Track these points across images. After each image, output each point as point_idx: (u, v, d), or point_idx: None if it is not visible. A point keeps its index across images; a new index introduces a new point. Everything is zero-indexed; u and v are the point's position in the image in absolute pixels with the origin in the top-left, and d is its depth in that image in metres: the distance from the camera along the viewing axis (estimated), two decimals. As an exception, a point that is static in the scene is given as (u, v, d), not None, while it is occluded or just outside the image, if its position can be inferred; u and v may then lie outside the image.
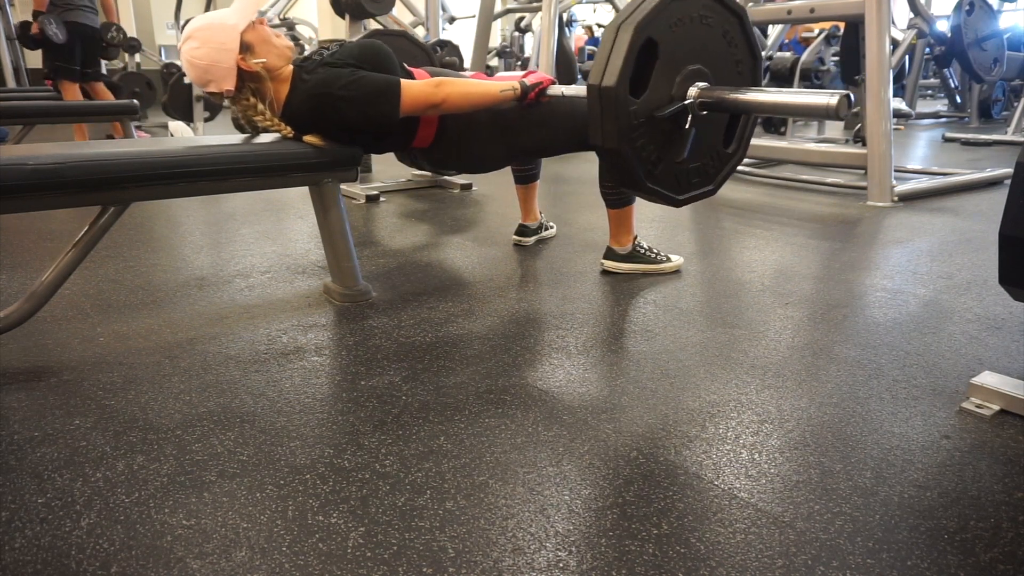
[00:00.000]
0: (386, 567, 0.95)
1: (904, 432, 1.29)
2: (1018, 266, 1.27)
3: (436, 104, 1.77)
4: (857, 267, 2.34)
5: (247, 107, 1.80)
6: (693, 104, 1.53)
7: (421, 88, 1.76)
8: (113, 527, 1.02)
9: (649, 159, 1.59)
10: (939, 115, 8.20)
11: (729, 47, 1.57)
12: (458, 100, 1.78)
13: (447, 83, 1.78)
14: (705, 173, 1.71)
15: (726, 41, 1.56)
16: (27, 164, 1.43)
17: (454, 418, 1.34)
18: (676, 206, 1.73)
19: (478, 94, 1.80)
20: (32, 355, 1.63)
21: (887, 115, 3.42)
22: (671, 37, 1.48)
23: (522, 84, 1.85)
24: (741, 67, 1.60)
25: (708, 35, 1.53)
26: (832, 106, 1.34)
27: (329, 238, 1.97)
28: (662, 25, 1.45)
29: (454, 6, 6.87)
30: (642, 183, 1.61)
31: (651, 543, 0.99)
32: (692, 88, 1.53)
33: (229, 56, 1.72)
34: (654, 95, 1.52)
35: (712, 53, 1.55)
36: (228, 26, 1.72)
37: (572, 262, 2.40)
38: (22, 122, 4.72)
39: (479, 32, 5.37)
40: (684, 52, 1.52)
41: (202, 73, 1.73)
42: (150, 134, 6.27)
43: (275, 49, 1.79)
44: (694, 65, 1.53)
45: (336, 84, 1.73)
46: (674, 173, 1.65)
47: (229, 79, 1.74)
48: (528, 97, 1.86)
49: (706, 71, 1.55)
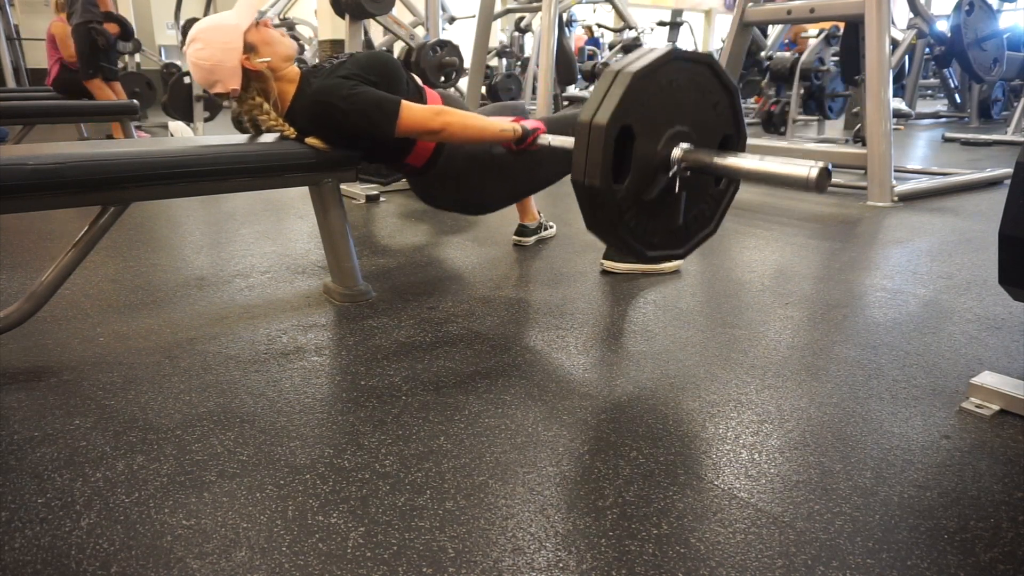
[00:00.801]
0: (386, 567, 0.95)
1: (904, 432, 1.29)
2: (1018, 266, 1.27)
3: (433, 131, 1.77)
4: (857, 267, 2.34)
5: (253, 107, 1.80)
6: (678, 169, 1.53)
7: (421, 112, 1.76)
8: (113, 527, 1.02)
9: (646, 234, 1.60)
10: (939, 115, 8.20)
11: (703, 94, 1.56)
12: (456, 130, 1.78)
13: (447, 112, 1.78)
14: (702, 217, 1.71)
15: (698, 90, 1.55)
16: (27, 164, 1.43)
17: (454, 418, 1.34)
18: (681, 259, 1.72)
19: (477, 127, 1.80)
20: (32, 355, 1.63)
21: (887, 115, 3.42)
22: (644, 114, 1.47)
23: (523, 127, 1.85)
24: (719, 107, 1.60)
25: (680, 93, 1.51)
26: (811, 179, 1.33)
27: (329, 238, 1.97)
28: (632, 108, 1.45)
29: (454, 6, 6.86)
30: (644, 255, 1.63)
31: (651, 543, 0.99)
32: (676, 150, 1.53)
33: (233, 56, 1.72)
34: (638, 172, 1.51)
35: (689, 106, 1.54)
36: (230, 26, 1.73)
37: (572, 262, 2.40)
38: (22, 122, 4.73)
39: (479, 32, 5.37)
40: (661, 120, 1.50)
41: (207, 74, 1.74)
42: (150, 134, 6.27)
43: (279, 49, 1.80)
44: (674, 127, 1.53)
45: (337, 94, 1.74)
46: (673, 232, 1.66)
47: (234, 79, 1.74)
48: (526, 142, 1.86)
49: (686, 130, 1.54)
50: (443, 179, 1.98)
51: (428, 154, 1.92)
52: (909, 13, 4.54)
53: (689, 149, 1.52)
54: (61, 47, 5.62)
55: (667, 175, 1.53)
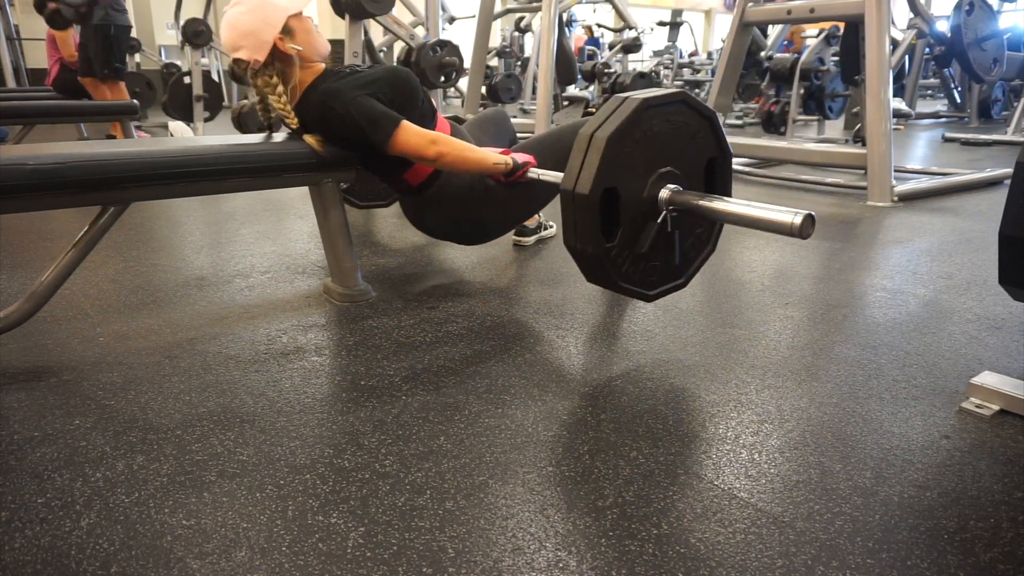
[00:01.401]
0: (386, 567, 0.95)
1: (904, 432, 1.29)
2: (1018, 266, 1.27)
3: (428, 158, 1.78)
4: (857, 267, 2.34)
5: (267, 84, 1.81)
6: (667, 212, 1.54)
7: (418, 137, 1.77)
8: (113, 527, 1.02)
9: (644, 278, 1.61)
10: (939, 115, 8.20)
11: (682, 129, 1.57)
12: (451, 160, 1.78)
13: (444, 141, 1.78)
14: (699, 241, 1.72)
15: (676, 127, 1.55)
16: (27, 164, 1.43)
17: (454, 418, 1.34)
18: (683, 288, 1.74)
19: (472, 159, 1.81)
20: (32, 355, 1.63)
21: (887, 115, 3.42)
22: (625, 172, 1.48)
23: (514, 161, 1.86)
24: (700, 136, 1.60)
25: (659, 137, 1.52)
26: (796, 225, 1.34)
27: (329, 238, 1.97)
28: (613, 171, 1.45)
29: (454, 6, 6.86)
30: (648, 297, 1.65)
31: (651, 543, 0.99)
32: (663, 191, 1.53)
33: (270, 31, 1.74)
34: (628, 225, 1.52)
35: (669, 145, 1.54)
36: (279, 6, 1.76)
37: (572, 262, 2.39)
38: (22, 122, 4.73)
39: (479, 32, 5.37)
40: (643, 169, 1.51)
41: (238, 37, 1.75)
42: (150, 134, 6.27)
43: (313, 42, 1.83)
44: (657, 171, 1.54)
45: (340, 99, 1.75)
46: (672, 267, 1.67)
47: (261, 51, 1.75)
48: (516, 174, 1.87)
49: (670, 170, 1.55)
50: (437, 202, 1.98)
51: (426, 175, 1.92)
52: (909, 13, 4.54)
53: (676, 190, 1.54)
54: (61, 47, 5.62)
55: (656, 223, 1.54)
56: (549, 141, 2.07)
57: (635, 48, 7.24)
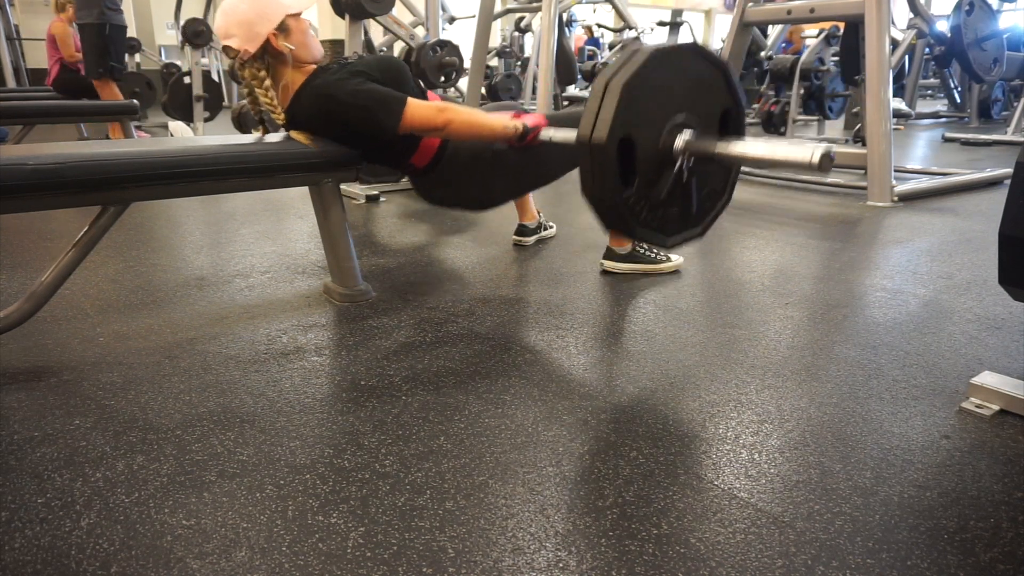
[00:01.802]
0: (386, 567, 0.95)
1: (904, 432, 1.29)
2: (1018, 266, 1.27)
3: (437, 127, 1.78)
4: (857, 267, 2.34)
5: (255, 77, 1.82)
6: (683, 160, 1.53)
7: (425, 109, 1.77)
8: (113, 527, 1.02)
9: (662, 226, 1.61)
10: (939, 115, 8.20)
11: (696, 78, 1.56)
12: (459, 127, 1.78)
13: (451, 109, 1.78)
14: (715, 192, 1.71)
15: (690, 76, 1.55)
16: (27, 164, 1.43)
17: (454, 418, 1.34)
18: (700, 237, 1.73)
19: (480, 124, 1.81)
20: (32, 355, 1.63)
21: (887, 115, 3.42)
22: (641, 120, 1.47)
23: (524, 124, 1.85)
24: (714, 86, 1.60)
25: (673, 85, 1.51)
26: (814, 162, 1.34)
27: (329, 238, 1.97)
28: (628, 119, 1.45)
29: (454, 6, 6.86)
30: (664, 243, 1.65)
31: (651, 543, 0.99)
32: (678, 141, 1.53)
33: (265, 25, 1.74)
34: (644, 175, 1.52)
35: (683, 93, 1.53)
36: (280, 3, 1.76)
37: (572, 262, 2.40)
38: (22, 122, 4.72)
39: (479, 32, 5.37)
40: (658, 117, 1.51)
41: (232, 25, 1.75)
42: (150, 134, 6.27)
43: (308, 44, 1.84)
44: (672, 120, 1.53)
45: (344, 89, 1.75)
46: (689, 215, 1.67)
47: (253, 43, 1.75)
48: (527, 139, 1.87)
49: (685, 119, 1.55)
50: (448, 177, 1.99)
51: (432, 153, 1.93)
52: (909, 13, 4.54)
53: (691, 139, 1.52)
54: (61, 47, 5.62)
55: (672, 171, 1.53)
56: (562, 118, 2.06)
57: (631, 48, 7.24)
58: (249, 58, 1.78)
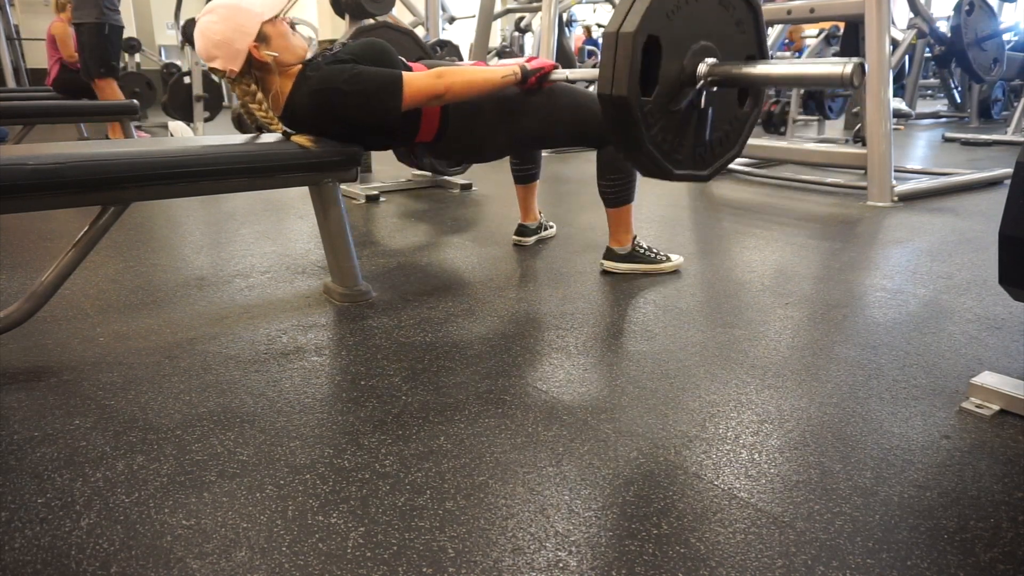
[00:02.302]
0: (386, 567, 0.95)
1: (904, 432, 1.29)
2: (1018, 266, 1.27)
3: (439, 94, 1.78)
4: (857, 267, 2.34)
5: (246, 93, 1.81)
6: (704, 83, 1.52)
7: (423, 80, 1.77)
8: (113, 527, 1.02)
9: (672, 149, 1.59)
10: (939, 115, 8.20)
11: (727, 10, 1.56)
12: (460, 89, 1.78)
13: (448, 72, 1.78)
14: (726, 139, 1.71)
15: (722, 6, 1.55)
16: (27, 164, 1.43)
17: (454, 418, 1.34)
18: (705, 181, 1.73)
19: (480, 81, 1.81)
20: (32, 355, 1.63)
21: (887, 115, 3.42)
22: (670, 27, 1.47)
23: (522, 68, 1.85)
24: (743, 25, 1.59)
25: (705, 8, 1.51)
26: (847, 74, 1.31)
27: (329, 238, 1.97)
28: (659, 20, 1.44)
29: (454, 6, 6.86)
30: (670, 173, 1.62)
31: (651, 543, 0.99)
32: (701, 66, 1.51)
33: (244, 39, 1.73)
34: (665, 86, 1.51)
35: (713, 23, 1.53)
36: (252, 12, 1.74)
37: (572, 262, 2.40)
38: (22, 122, 4.72)
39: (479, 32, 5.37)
40: (686, 34, 1.50)
41: (212, 47, 1.74)
42: (150, 134, 6.27)
43: (290, 46, 1.81)
44: (699, 43, 1.52)
45: (339, 79, 1.74)
46: (698, 152, 1.65)
47: (236, 61, 1.74)
48: (528, 81, 1.86)
49: (711, 46, 1.53)
50: (458, 141, 2.01)
51: (436, 125, 1.93)
52: (909, 13, 4.54)
53: (715, 63, 1.52)
54: (61, 47, 5.62)
55: (693, 89, 1.52)
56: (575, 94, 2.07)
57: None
58: (236, 75, 1.77)
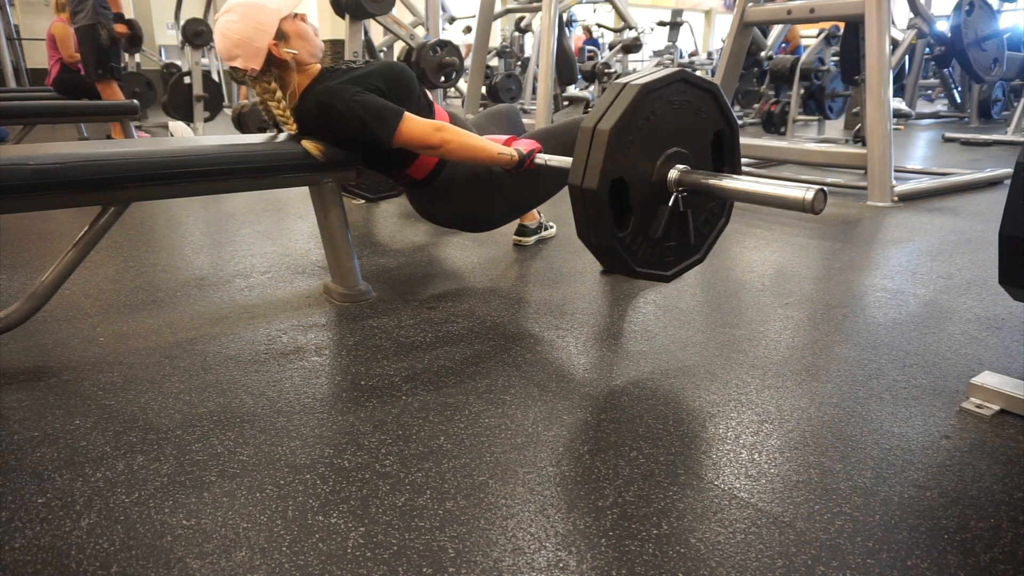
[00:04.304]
0: (386, 567, 0.95)
1: (904, 432, 1.29)
2: (1018, 266, 1.27)
3: (432, 146, 1.77)
4: (857, 267, 2.34)
5: (266, 91, 1.81)
6: (677, 194, 1.53)
7: (421, 126, 1.76)
8: (113, 527, 1.02)
9: (662, 258, 1.62)
10: (939, 115, 8.20)
11: (685, 107, 1.55)
12: (455, 148, 1.78)
13: (448, 130, 1.78)
14: (712, 215, 1.72)
15: (679, 106, 1.54)
16: (27, 164, 1.43)
17: (454, 418, 1.34)
18: (701, 263, 1.74)
19: (475, 148, 1.81)
20: (32, 355, 1.63)
21: (887, 115, 3.42)
22: (632, 160, 1.47)
23: (519, 153, 1.86)
24: (704, 111, 1.60)
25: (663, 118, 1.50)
26: (808, 200, 1.33)
27: (329, 238, 1.97)
28: (619, 161, 1.44)
29: (454, 6, 6.86)
30: (666, 278, 1.66)
31: (651, 543, 0.99)
32: (672, 172, 1.52)
33: (264, 37, 1.73)
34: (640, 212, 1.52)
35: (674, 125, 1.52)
36: (270, 9, 1.73)
37: (572, 262, 2.40)
38: (22, 122, 4.72)
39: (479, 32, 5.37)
40: (649, 154, 1.51)
41: (232, 47, 1.73)
42: (150, 134, 6.27)
43: (309, 45, 1.81)
44: (664, 152, 1.53)
45: (339, 97, 1.74)
46: (688, 245, 1.67)
47: (257, 59, 1.74)
48: (523, 166, 1.88)
49: (677, 149, 1.54)
50: (444, 193, 1.98)
51: (430, 168, 1.92)
52: (909, 13, 4.54)
53: (685, 170, 1.53)
54: (61, 47, 5.62)
55: (667, 204, 1.54)
56: (559, 131, 2.07)
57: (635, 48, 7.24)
58: (257, 74, 1.78)
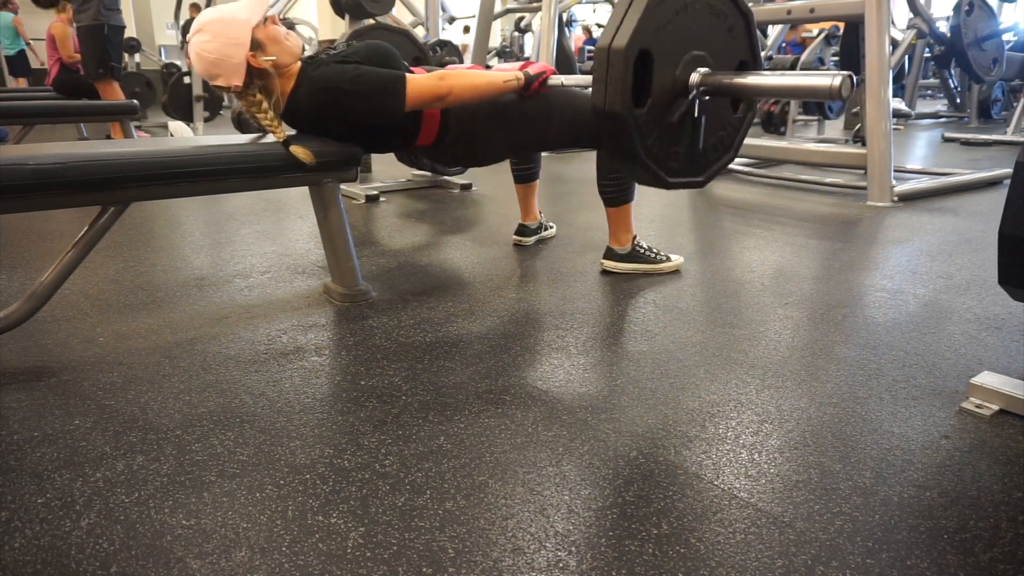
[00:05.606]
0: (386, 567, 0.95)
1: (904, 432, 1.29)
2: (1018, 266, 1.27)
3: (441, 96, 1.78)
4: (857, 267, 2.34)
5: (252, 103, 1.80)
6: (697, 93, 1.52)
7: (426, 81, 1.77)
8: (113, 527, 1.02)
9: (667, 158, 1.60)
10: (939, 115, 8.20)
11: (718, 18, 1.57)
12: (462, 92, 1.79)
13: (451, 75, 1.79)
14: (721, 144, 1.71)
15: (713, 15, 1.55)
16: (27, 164, 1.43)
17: (454, 418, 1.34)
18: (701, 187, 1.74)
19: (482, 84, 1.81)
20: (32, 355, 1.63)
21: (887, 115, 3.42)
22: (661, 39, 1.48)
23: (525, 74, 1.86)
24: (734, 31, 1.60)
25: (695, 17, 1.51)
26: (835, 87, 1.32)
27: (329, 238, 1.97)
28: (650, 33, 1.45)
29: (454, 6, 6.86)
30: (665, 182, 1.63)
31: (651, 543, 0.99)
32: (694, 75, 1.52)
33: (239, 51, 1.72)
34: (658, 97, 1.52)
35: (704, 31, 1.54)
36: (240, 21, 1.72)
37: (572, 262, 2.40)
38: (22, 122, 4.73)
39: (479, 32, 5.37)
40: (678, 44, 1.51)
41: (211, 67, 1.73)
42: (150, 134, 6.27)
43: (285, 47, 1.80)
44: (691, 52, 1.53)
45: (343, 79, 1.74)
46: (693, 159, 1.66)
47: (238, 74, 1.74)
48: (531, 87, 1.87)
49: (703, 55, 1.54)
50: (456, 146, 2.01)
51: (436, 129, 1.94)
52: (909, 13, 4.54)
53: (707, 73, 1.52)
54: (60, 47, 5.62)
55: (686, 99, 1.53)
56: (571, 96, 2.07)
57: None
58: (242, 88, 1.77)
